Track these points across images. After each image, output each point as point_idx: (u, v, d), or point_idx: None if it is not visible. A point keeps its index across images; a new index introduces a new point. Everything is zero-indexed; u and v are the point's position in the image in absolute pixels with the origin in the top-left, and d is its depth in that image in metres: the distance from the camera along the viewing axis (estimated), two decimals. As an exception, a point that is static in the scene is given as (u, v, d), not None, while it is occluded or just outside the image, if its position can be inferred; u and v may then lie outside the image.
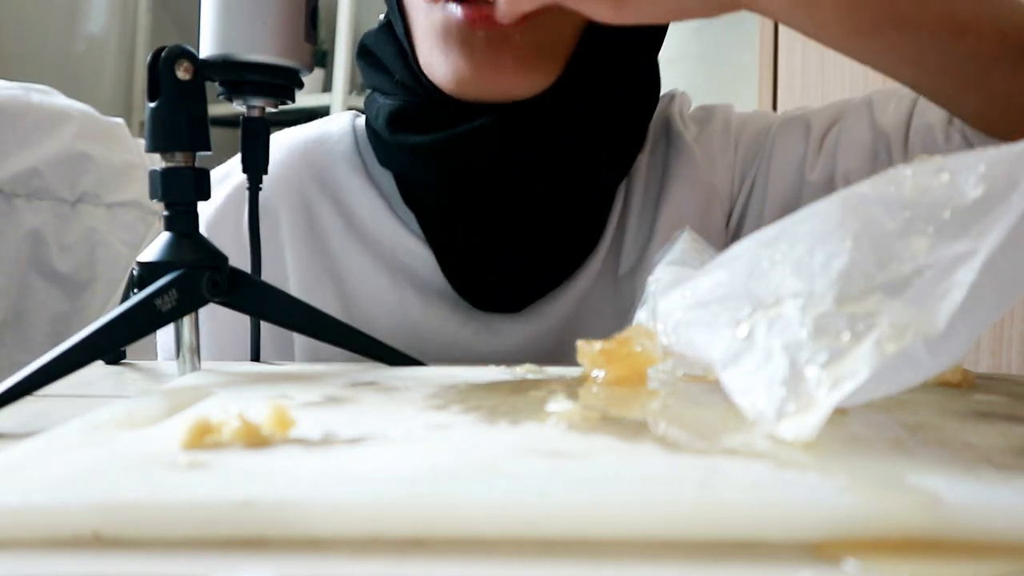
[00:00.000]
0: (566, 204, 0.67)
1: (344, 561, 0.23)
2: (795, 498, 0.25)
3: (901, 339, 0.29)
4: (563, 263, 0.69)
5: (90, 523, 0.24)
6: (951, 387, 0.44)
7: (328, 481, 0.26)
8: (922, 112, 0.64)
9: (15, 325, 1.46)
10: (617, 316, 0.71)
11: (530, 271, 0.68)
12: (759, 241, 0.37)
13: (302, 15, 0.50)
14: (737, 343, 0.34)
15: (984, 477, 0.27)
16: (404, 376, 0.46)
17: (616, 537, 0.24)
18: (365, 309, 0.69)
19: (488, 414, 0.35)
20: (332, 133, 0.73)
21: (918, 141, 0.63)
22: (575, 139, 0.65)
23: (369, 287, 0.69)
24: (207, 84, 0.49)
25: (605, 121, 0.66)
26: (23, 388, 0.41)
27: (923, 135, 0.63)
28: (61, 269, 1.49)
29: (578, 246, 0.69)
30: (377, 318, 0.69)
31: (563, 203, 0.67)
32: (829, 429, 0.30)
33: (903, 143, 0.64)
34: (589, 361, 0.42)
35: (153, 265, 0.47)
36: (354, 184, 0.70)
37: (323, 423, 0.33)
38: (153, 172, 0.48)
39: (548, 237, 0.67)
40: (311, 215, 0.70)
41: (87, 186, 1.52)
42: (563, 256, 0.68)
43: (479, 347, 0.69)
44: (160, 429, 0.33)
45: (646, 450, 0.30)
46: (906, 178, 0.34)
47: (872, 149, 0.66)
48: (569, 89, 0.64)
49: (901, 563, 0.23)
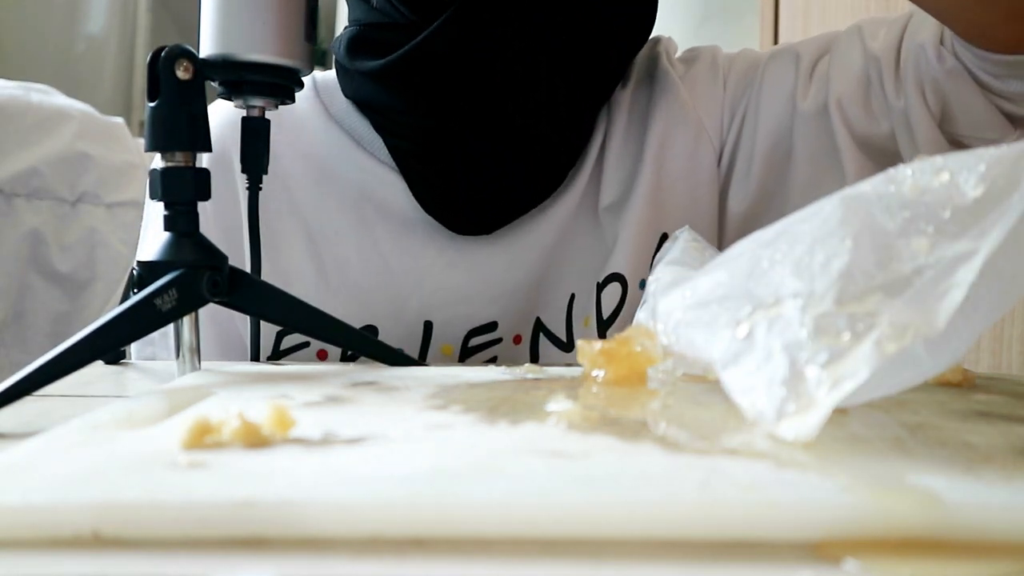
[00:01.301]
0: (536, 122, 0.66)
1: (344, 561, 0.23)
2: (795, 498, 0.25)
3: (901, 339, 0.29)
4: (538, 186, 0.68)
5: (90, 523, 0.24)
6: (951, 387, 0.44)
7: (328, 481, 0.26)
8: (913, 34, 0.63)
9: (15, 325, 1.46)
10: (596, 248, 0.70)
11: (503, 192, 0.67)
12: (759, 241, 0.37)
13: (302, 15, 0.50)
14: (737, 343, 0.34)
15: (984, 477, 0.27)
16: (404, 376, 0.46)
17: (616, 537, 0.24)
18: (333, 247, 0.69)
19: (488, 414, 0.35)
20: None
21: (910, 62, 0.62)
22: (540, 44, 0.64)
23: (335, 225, 0.69)
24: (207, 84, 0.49)
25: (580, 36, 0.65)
26: (23, 388, 0.41)
27: (915, 56, 0.62)
28: (61, 269, 1.49)
29: (553, 169, 0.68)
30: (347, 256, 0.69)
31: (535, 120, 0.66)
32: (829, 429, 0.30)
33: (894, 66, 0.63)
34: (589, 361, 0.42)
35: (153, 265, 0.47)
36: (314, 123, 0.70)
37: (323, 423, 0.33)
38: (153, 172, 0.48)
39: (521, 156, 0.67)
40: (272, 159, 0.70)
41: (87, 186, 1.52)
42: (538, 178, 0.68)
43: (455, 278, 0.69)
44: (160, 429, 0.33)
45: (646, 450, 0.30)
46: (906, 178, 0.34)
47: (864, 73, 0.65)
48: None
49: (901, 563, 0.23)
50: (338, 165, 0.70)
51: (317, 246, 0.69)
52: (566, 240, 0.70)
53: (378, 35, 0.65)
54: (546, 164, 0.68)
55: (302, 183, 0.70)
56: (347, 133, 0.70)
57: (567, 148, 0.69)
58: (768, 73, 0.71)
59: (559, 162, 0.69)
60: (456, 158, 0.66)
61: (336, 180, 0.70)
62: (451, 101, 0.64)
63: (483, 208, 0.68)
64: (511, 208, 0.68)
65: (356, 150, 0.69)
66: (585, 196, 0.70)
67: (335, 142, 0.70)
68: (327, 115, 0.71)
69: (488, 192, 0.67)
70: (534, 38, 0.64)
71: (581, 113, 0.69)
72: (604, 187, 0.70)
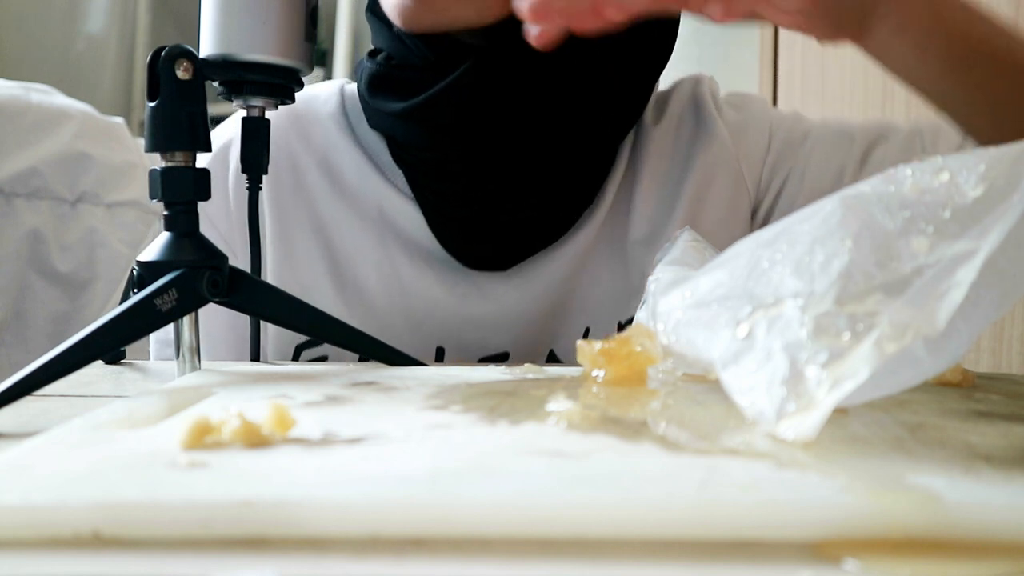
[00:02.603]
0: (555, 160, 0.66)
1: (344, 561, 0.23)
2: (795, 498, 0.25)
3: (901, 339, 0.29)
4: (555, 222, 0.68)
5: (90, 523, 0.24)
6: (951, 387, 0.44)
7: (328, 481, 0.26)
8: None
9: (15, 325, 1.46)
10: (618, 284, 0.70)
11: (520, 228, 0.67)
12: (759, 241, 0.37)
13: (302, 15, 0.50)
14: (737, 343, 0.34)
15: (984, 477, 0.27)
16: (404, 376, 0.46)
17: (616, 537, 0.24)
18: (353, 265, 0.69)
19: (488, 414, 0.35)
20: (319, 95, 0.73)
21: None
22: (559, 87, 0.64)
23: (356, 244, 0.69)
24: (207, 84, 0.49)
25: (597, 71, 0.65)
26: (23, 388, 0.41)
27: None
28: (61, 269, 1.49)
29: (571, 205, 0.68)
30: (366, 275, 0.69)
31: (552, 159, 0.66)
32: (829, 429, 0.30)
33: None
34: (589, 361, 0.42)
35: (153, 265, 0.47)
36: (340, 144, 0.70)
37: (323, 423, 0.33)
38: (153, 172, 0.48)
39: (538, 194, 0.67)
40: (298, 173, 0.70)
41: (87, 186, 1.52)
42: (554, 215, 0.68)
43: (468, 309, 0.69)
44: (160, 429, 0.33)
45: (646, 450, 0.30)
46: (906, 178, 0.34)
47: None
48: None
49: (901, 563, 0.23)
50: (361, 187, 0.70)
51: (338, 264, 0.69)
52: (583, 274, 0.70)
53: (400, 74, 0.65)
54: (564, 202, 0.68)
55: (327, 199, 0.70)
56: (370, 159, 0.70)
57: (585, 186, 0.69)
58: (819, 146, 0.71)
59: (577, 199, 0.69)
60: (474, 196, 0.66)
61: (359, 201, 0.70)
62: (470, 142, 0.65)
63: (499, 245, 0.68)
64: (528, 245, 0.68)
65: (377, 176, 0.69)
66: (604, 230, 0.70)
67: (359, 166, 0.70)
68: (353, 137, 0.71)
69: (505, 230, 0.67)
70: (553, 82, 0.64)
71: (600, 151, 0.69)
72: (634, 222, 0.70)
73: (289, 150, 0.70)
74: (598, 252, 0.70)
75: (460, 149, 0.65)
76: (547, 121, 0.65)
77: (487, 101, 0.63)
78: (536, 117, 0.64)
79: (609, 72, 0.66)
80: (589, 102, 0.66)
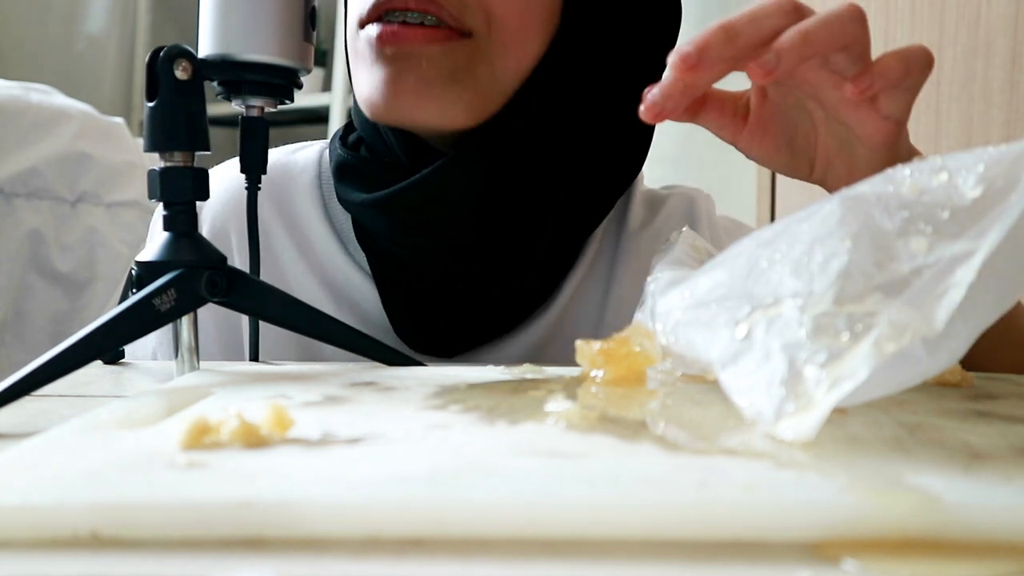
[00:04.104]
0: (519, 258, 0.66)
1: (343, 561, 0.23)
2: (794, 498, 0.25)
3: (900, 339, 0.29)
4: (509, 316, 0.68)
5: (89, 523, 0.24)
6: (950, 387, 0.44)
7: (327, 481, 0.26)
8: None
9: (15, 325, 1.46)
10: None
11: (474, 320, 0.67)
12: (758, 241, 0.37)
13: (301, 15, 0.50)
14: (736, 343, 0.34)
15: (984, 477, 0.27)
16: (404, 376, 0.46)
17: (615, 537, 0.24)
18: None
19: (487, 414, 0.35)
20: (297, 162, 0.73)
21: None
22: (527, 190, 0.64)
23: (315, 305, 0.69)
24: (206, 84, 0.49)
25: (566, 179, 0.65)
26: (22, 388, 0.41)
27: None
28: (61, 269, 1.49)
29: (524, 304, 0.68)
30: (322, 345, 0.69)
31: (516, 257, 0.66)
32: (828, 429, 0.30)
33: None
34: (588, 361, 0.42)
35: (152, 265, 0.47)
36: (311, 216, 0.71)
37: (322, 423, 0.33)
38: (152, 172, 0.48)
39: (498, 287, 0.66)
40: (267, 236, 0.70)
41: (87, 186, 1.52)
42: (510, 309, 0.68)
43: None
44: (159, 429, 0.33)
45: (645, 450, 0.30)
46: (905, 178, 0.34)
47: None
48: (509, 132, 0.63)
49: (901, 563, 0.23)
50: (326, 260, 0.70)
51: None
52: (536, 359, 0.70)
53: (365, 168, 0.66)
54: (522, 296, 0.68)
55: (292, 262, 0.70)
56: (337, 235, 0.70)
57: (545, 281, 0.68)
58: None
59: (535, 295, 0.68)
60: (431, 287, 0.66)
61: (322, 272, 0.70)
62: (432, 237, 0.65)
63: (451, 334, 0.67)
64: (479, 335, 0.68)
65: (342, 253, 0.70)
66: (559, 322, 0.69)
67: (327, 239, 0.70)
68: (323, 209, 0.71)
69: (458, 320, 0.67)
70: (521, 184, 0.64)
71: (564, 248, 0.69)
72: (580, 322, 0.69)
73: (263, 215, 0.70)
74: (552, 343, 0.69)
75: (418, 243, 0.65)
76: (511, 221, 0.65)
77: (451, 200, 0.63)
78: (501, 218, 0.64)
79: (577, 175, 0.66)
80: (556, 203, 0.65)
